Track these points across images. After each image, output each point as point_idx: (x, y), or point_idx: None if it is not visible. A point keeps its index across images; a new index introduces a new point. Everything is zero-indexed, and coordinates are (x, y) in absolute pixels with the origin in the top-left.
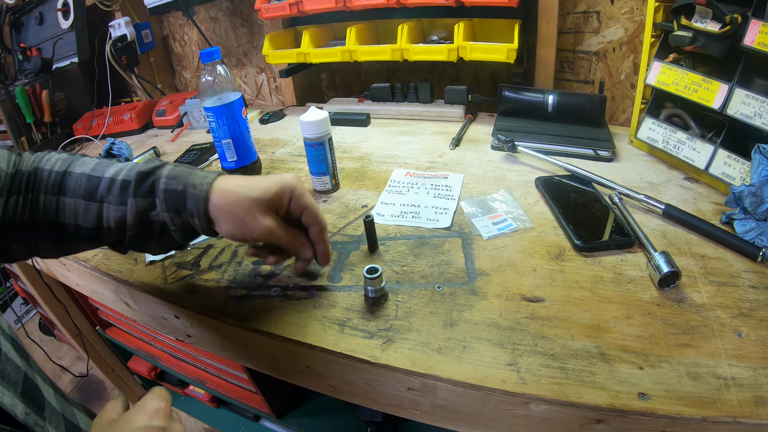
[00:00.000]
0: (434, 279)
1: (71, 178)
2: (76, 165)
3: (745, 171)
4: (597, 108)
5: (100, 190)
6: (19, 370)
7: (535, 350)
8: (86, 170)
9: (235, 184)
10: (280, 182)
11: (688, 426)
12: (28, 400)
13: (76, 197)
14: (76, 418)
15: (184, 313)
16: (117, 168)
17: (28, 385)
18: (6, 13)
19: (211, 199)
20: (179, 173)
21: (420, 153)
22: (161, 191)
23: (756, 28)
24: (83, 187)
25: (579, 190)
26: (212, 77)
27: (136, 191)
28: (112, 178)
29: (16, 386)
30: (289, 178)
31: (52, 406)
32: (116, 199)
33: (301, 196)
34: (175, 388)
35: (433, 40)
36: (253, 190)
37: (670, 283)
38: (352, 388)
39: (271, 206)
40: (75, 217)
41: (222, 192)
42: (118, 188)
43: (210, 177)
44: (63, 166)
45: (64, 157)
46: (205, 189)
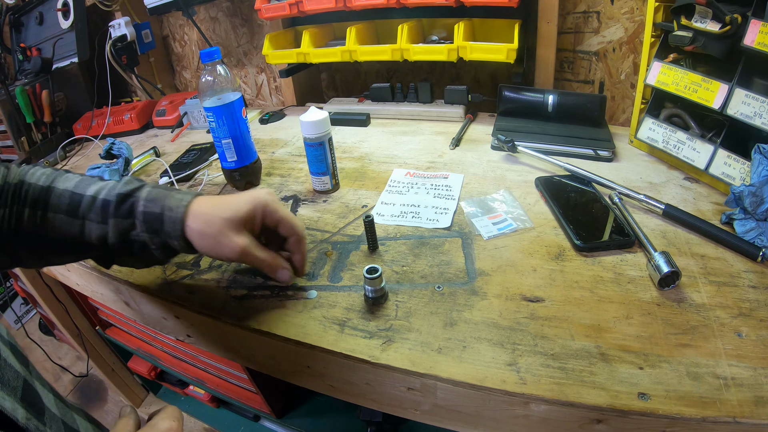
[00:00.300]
0: (434, 279)
1: (54, 194)
2: (60, 181)
3: (745, 171)
4: (597, 108)
5: (83, 207)
6: (18, 376)
7: (535, 350)
8: (69, 186)
9: (209, 204)
10: (252, 200)
11: (688, 426)
12: (28, 405)
13: (59, 212)
14: (76, 423)
15: (184, 313)
16: (98, 186)
17: (28, 391)
18: (6, 13)
19: (187, 222)
20: (157, 196)
21: (420, 153)
22: (140, 213)
23: (756, 28)
24: (66, 203)
25: (579, 190)
26: (212, 77)
27: (116, 211)
28: (94, 197)
29: (16, 391)
30: (261, 193)
31: (52, 411)
32: (98, 217)
33: (274, 211)
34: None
35: (433, 40)
36: (225, 210)
37: (670, 283)
38: (352, 388)
39: (244, 225)
40: (58, 231)
41: (196, 214)
42: (99, 207)
43: (186, 199)
44: (47, 181)
45: (48, 172)
46: (181, 212)
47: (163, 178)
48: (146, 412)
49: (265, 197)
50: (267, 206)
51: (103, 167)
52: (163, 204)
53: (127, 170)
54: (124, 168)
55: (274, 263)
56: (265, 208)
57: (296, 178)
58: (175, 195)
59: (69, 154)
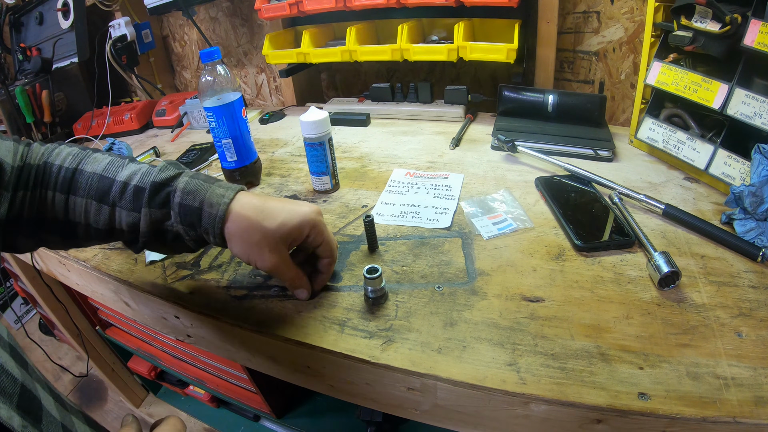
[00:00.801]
0: (434, 279)
1: (82, 177)
2: (88, 163)
3: (745, 171)
4: (597, 108)
5: (113, 193)
6: (15, 382)
7: (535, 350)
8: (98, 169)
9: (253, 208)
10: (299, 217)
11: (688, 426)
12: (24, 413)
13: (88, 197)
14: (75, 427)
15: (184, 313)
16: (131, 171)
17: (25, 397)
18: (6, 13)
19: (228, 222)
20: (196, 188)
21: (420, 153)
22: (176, 204)
23: (756, 28)
24: (95, 188)
25: (579, 190)
26: (212, 77)
27: (150, 201)
28: (125, 182)
29: (12, 399)
30: (309, 212)
31: (51, 415)
32: (129, 205)
33: (320, 233)
34: (175, 388)
35: (433, 40)
36: (270, 220)
37: (670, 283)
38: (352, 388)
39: (285, 240)
40: (86, 216)
41: (238, 216)
42: (131, 194)
43: (228, 196)
44: (74, 162)
45: (75, 152)
46: (222, 210)
47: None
48: (146, 412)
49: (315, 217)
50: (315, 227)
51: None
52: (203, 198)
53: None
54: None
55: (298, 282)
56: (313, 228)
57: (296, 178)
58: (216, 189)
59: None
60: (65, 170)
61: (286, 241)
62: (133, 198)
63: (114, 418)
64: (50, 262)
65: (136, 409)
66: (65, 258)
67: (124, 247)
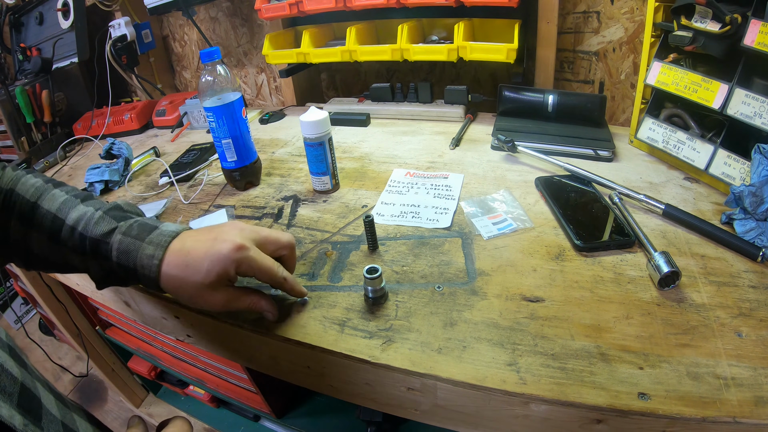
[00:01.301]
0: (434, 279)
1: (39, 213)
2: (46, 199)
3: (745, 171)
4: (597, 108)
5: (63, 235)
6: (15, 381)
7: (535, 350)
8: (53, 208)
9: (178, 266)
10: (221, 262)
11: (688, 426)
12: (25, 412)
13: (42, 235)
14: (75, 424)
15: (184, 313)
16: (78, 214)
17: (25, 396)
18: (6, 13)
19: (162, 282)
20: (127, 248)
21: (420, 153)
22: (115, 264)
23: (756, 28)
24: (48, 227)
25: (579, 190)
26: (212, 77)
27: (93, 254)
28: (73, 227)
29: (12, 398)
30: (228, 253)
31: (51, 414)
32: (76, 253)
33: (250, 266)
34: (175, 388)
35: (433, 40)
36: (195, 274)
37: (670, 283)
38: (352, 388)
39: (217, 286)
40: (42, 251)
41: (168, 276)
42: (77, 241)
43: (157, 257)
44: (35, 195)
45: (38, 185)
46: (154, 272)
47: (163, 178)
48: (146, 412)
49: (236, 256)
50: (240, 265)
51: (103, 167)
52: (135, 260)
53: (127, 170)
54: (124, 168)
55: (257, 308)
56: (239, 266)
57: (296, 178)
58: (146, 249)
59: (69, 154)
60: (26, 203)
61: (219, 285)
62: (80, 246)
63: (114, 418)
64: None
65: (136, 409)
66: None
67: None
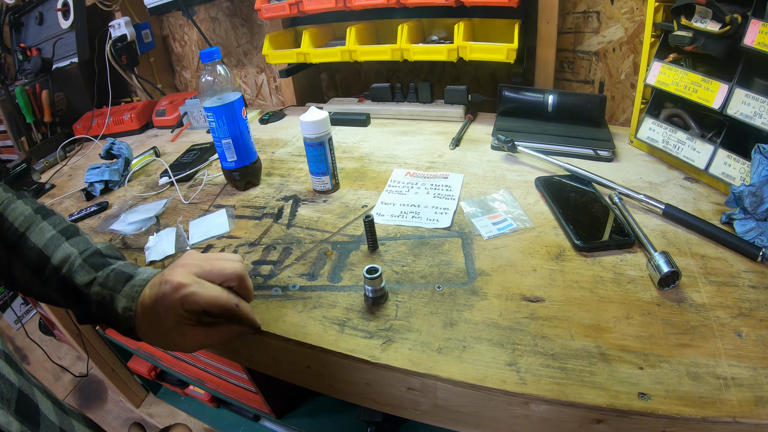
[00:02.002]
0: (434, 279)
1: (26, 246)
2: (34, 232)
3: (745, 171)
4: (597, 108)
5: (47, 273)
6: (12, 387)
7: (535, 350)
8: (39, 244)
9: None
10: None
11: (688, 426)
12: (22, 418)
13: (27, 267)
14: (74, 430)
15: None
16: (63, 255)
17: (22, 402)
18: (6, 13)
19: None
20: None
21: (420, 153)
22: (95, 313)
23: (756, 28)
24: (34, 261)
25: (579, 190)
26: (212, 77)
27: (76, 300)
28: (57, 268)
29: (10, 404)
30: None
31: (49, 420)
32: (60, 290)
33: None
34: (175, 388)
35: (433, 40)
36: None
37: (670, 283)
38: (352, 388)
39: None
40: (25, 281)
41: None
42: (61, 282)
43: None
44: (23, 226)
45: (27, 214)
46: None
47: (163, 178)
48: (146, 412)
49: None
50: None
51: (103, 167)
52: (110, 314)
53: (127, 170)
54: (124, 168)
55: (232, 334)
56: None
57: (296, 178)
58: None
59: (69, 154)
60: (14, 231)
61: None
62: (63, 289)
63: (114, 418)
64: None
65: (136, 409)
66: None
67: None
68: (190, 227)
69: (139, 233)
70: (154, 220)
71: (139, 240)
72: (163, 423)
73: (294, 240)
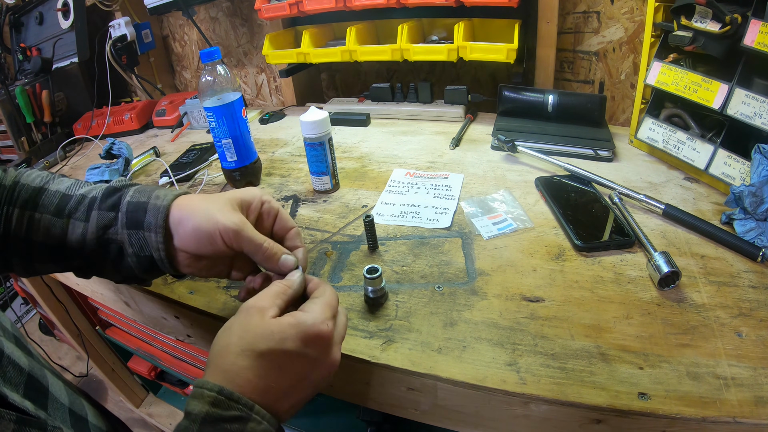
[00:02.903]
0: (434, 279)
1: (46, 195)
2: (53, 183)
3: (745, 171)
4: (597, 108)
5: (70, 205)
6: (22, 372)
7: (535, 350)
8: (61, 188)
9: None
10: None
11: (688, 426)
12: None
13: (47, 213)
14: (84, 410)
15: (184, 313)
16: (91, 187)
17: (31, 386)
18: (6, 13)
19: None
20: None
21: (420, 153)
22: (125, 204)
23: (756, 28)
24: (55, 204)
25: (579, 190)
26: (212, 77)
27: (101, 204)
28: (83, 195)
29: (19, 389)
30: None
31: (59, 402)
32: (82, 215)
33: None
34: (175, 388)
35: (433, 40)
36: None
37: (670, 283)
38: (352, 388)
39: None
40: (43, 233)
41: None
42: (86, 204)
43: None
44: (41, 182)
45: (44, 175)
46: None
47: (163, 178)
48: (146, 412)
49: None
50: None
51: (103, 167)
52: (150, 193)
53: (127, 170)
54: (124, 168)
55: (275, 247)
56: (263, 197)
57: (296, 178)
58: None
59: (69, 154)
60: (32, 189)
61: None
62: (88, 206)
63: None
64: None
65: (136, 409)
66: None
67: None
68: None
69: None
70: None
71: None
72: (163, 423)
73: None
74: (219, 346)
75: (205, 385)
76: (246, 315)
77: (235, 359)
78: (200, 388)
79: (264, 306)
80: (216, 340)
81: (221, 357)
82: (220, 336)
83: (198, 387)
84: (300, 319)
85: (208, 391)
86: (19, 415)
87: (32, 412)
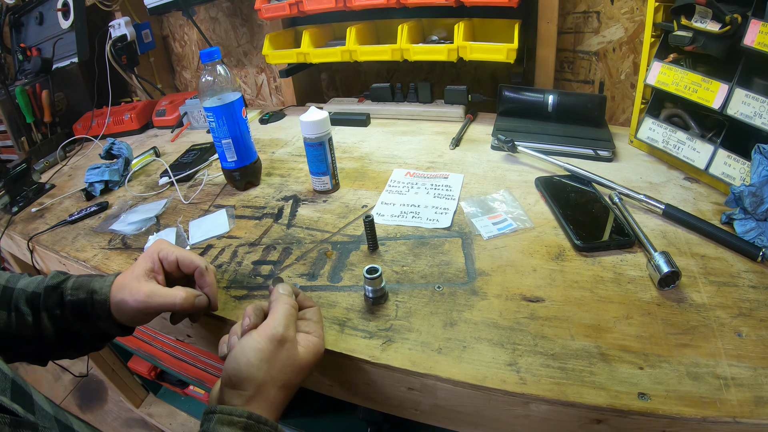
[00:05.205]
0: (434, 279)
1: None
2: None
3: (745, 171)
4: (597, 108)
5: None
6: (6, 378)
7: (535, 350)
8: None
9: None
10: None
11: (688, 426)
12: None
13: None
14: (69, 420)
15: None
16: (28, 281)
17: (17, 391)
18: (6, 13)
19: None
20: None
21: (420, 153)
22: (68, 303)
23: (756, 28)
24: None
25: (579, 190)
26: (212, 77)
27: (45, 303)
28: (23, 289)
29: (5, 393)
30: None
31: (44, 410)
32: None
33: (168, 253)
34: (175, 388)
35: (433, 40)
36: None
37: (670, 283)
38: (352, 388)
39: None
40: None
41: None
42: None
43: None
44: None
45: None
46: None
47: (163, 178)
48: (146, 412)
49: (155, 246)
50: (161, 251)
51: (103, 167)
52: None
53: (127, 170)
54: (124, 168)
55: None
56: (159, 250)
57: (296, 178)
58: (98, 279)
59: (69, 154)
60: None
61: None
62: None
63: (114, 418)
64: (50, 262)
65: (136, 409)
66: (65, 258)
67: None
68: (190, 227)
69: (139, 233)
70: (154, 220)
71: (139, 240)
72: (163, 423)
73: (294, 240)
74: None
75: (234, 412)
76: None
77: (277, 393)
78: (229, 415)
79: (291, 337)
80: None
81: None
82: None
83: (226, 414)
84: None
85: (237, 417)
86: (14, 417)
87: (22, 414)
